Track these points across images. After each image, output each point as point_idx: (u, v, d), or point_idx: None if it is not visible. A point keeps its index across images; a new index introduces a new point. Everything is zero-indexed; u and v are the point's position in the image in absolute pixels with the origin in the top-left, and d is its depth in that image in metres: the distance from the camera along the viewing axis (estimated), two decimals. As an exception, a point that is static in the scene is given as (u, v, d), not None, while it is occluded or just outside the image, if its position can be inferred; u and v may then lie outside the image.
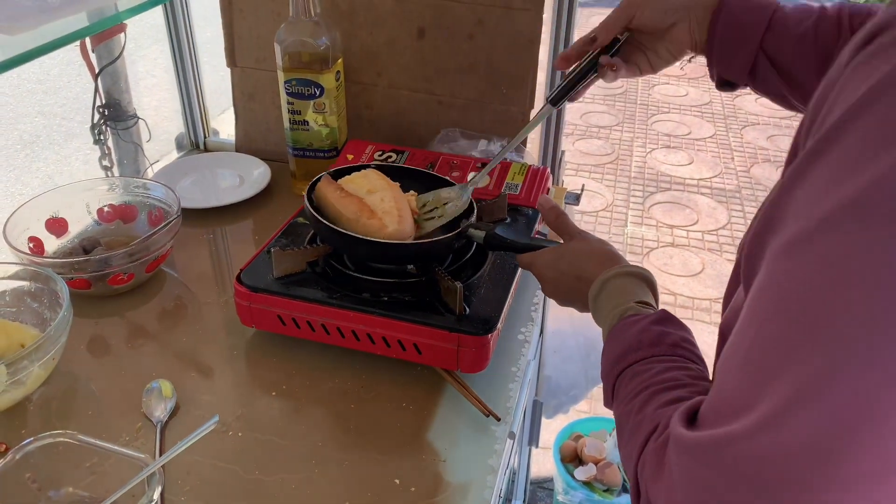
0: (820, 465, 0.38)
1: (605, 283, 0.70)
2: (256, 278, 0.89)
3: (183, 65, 1.37)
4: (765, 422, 0.40)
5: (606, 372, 0.62)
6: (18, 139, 3.90)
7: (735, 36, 0.75)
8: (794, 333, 0.39)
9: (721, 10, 0.76)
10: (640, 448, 0.50)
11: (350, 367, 0.88)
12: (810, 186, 0.41)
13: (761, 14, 0.74)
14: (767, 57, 0.75)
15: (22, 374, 0.77)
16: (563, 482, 1.70)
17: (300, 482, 0.74)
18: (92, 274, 0.94)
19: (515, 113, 1.19)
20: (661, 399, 0.53)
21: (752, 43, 0.75)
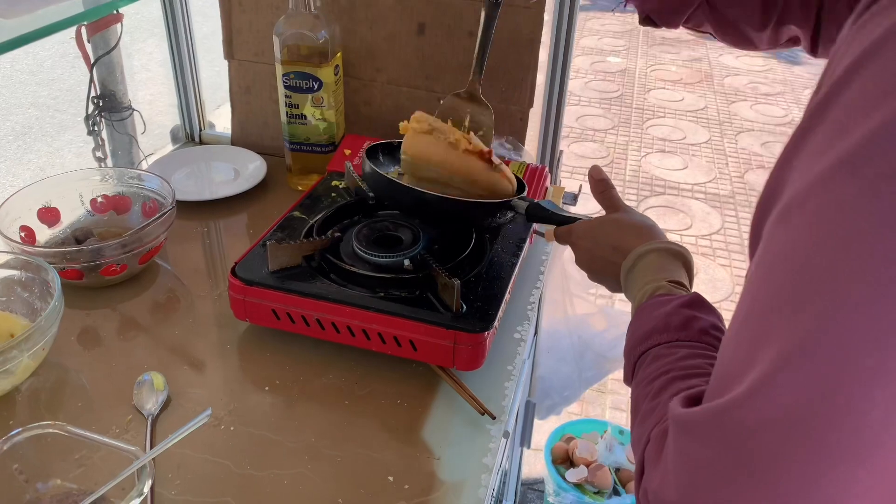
0: (806, 433, 0.37)
1: (641, 256, 0.69)
2: (251, 272, 0.88)
3: (180, 56, 1.35)
4: (752, 388, 0.39)
5: (630, 349, 0.61)
6: (10, 130, 3.87)
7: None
8: (784, 295, 0.39)
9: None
10: (649, 434, 0.50)
11: (344, 362, 0.88)
12: (807, 152, 0.40)
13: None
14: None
15: (11, 364, 0.75)
16: (554, 484, 1.70)
17: (292, 478, 0.73)
18: (84, 264, 0.93)
19: (514, 112, 1.19)
20: (678, 386, 0.52)
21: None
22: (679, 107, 4.34)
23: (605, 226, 0.76)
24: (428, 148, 0.88)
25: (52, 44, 4.64)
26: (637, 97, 4.45)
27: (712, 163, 3.73)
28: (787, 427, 0.37)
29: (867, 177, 0.35)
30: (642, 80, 4.70)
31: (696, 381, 0.52)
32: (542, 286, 1.05)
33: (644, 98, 4.44)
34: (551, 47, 1.14)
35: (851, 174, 0.36)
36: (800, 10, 0.69)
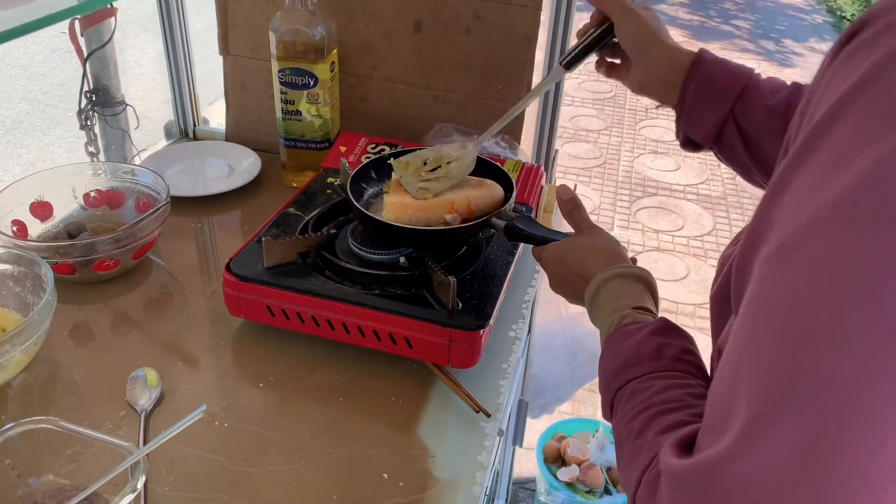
0: (805, 479, 0.36)
1: (602, 284, 0.67)
2: (246, 268, 0.88)
3: (174, 51, 1.35)
4: (746, 435, 0.38)
5: (605, 385, 0.59)
6: (0, 125, 3.84)
7: (708, 98, 0.74)
8: (782, 340, 0.38)
9: (697, 69, 0.74)
10: (639, 478, 0.48)
11: (339, 360, 0.87)
12: (796, 191, 0.40)
13: (737, 80, 0.74)
14: (736, 124, 0.74)
15: (3, 358, 0.75)
16: (546, 483, 1.70)
17: (287, 474, 0.73)
18: (77, 259, 0.92)
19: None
20: (660, 423, 0.51)
21: (724, 107, 0.73)
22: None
23: (569, 251, 0.75)
24: (400, 212, 0.88)
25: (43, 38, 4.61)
26: (630, 98, 4.46)
27: (704, 164, 3.74)
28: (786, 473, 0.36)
29: (861, 221, 0.35)
30: (635, 81, 4.70)
31: (679, 414, 0.51)
32: (536, 285, 1.05)
33: (637, 99, 4.45)
34: (548, 46, 1.14)
35: (846, 219, 0.35)
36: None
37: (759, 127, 0.73)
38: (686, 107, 0.75)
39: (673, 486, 0.43)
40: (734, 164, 0.77)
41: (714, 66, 0.75)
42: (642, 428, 0.52)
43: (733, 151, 0.75)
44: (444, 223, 0.87)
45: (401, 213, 0.87)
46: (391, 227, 0.87)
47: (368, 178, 0.98)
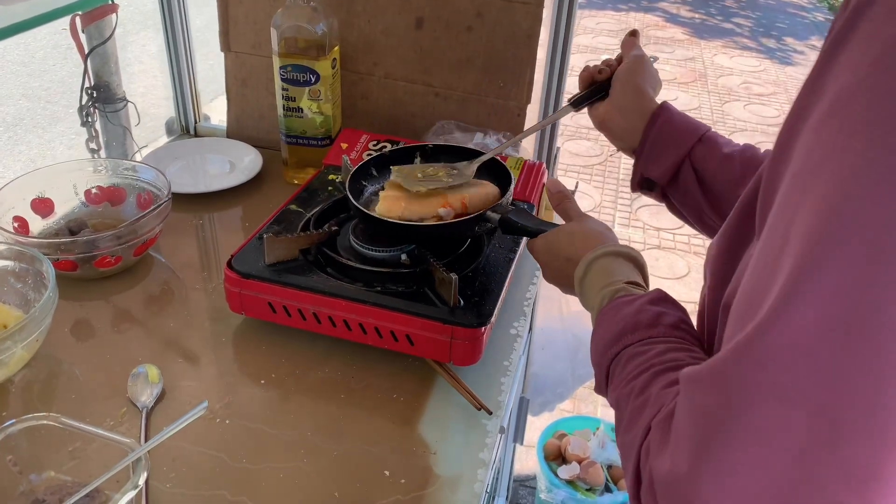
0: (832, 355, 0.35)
1: (592, 263, 0.68)
2: (247, 264, 0.88)
3: (176, 47, 1.34)
4: (788, 291, 0.37)
5: (599, 355, 0.59)
6: (1, 122, 3.84)
7: (668, 138, 0.80)
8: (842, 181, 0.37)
9: (660, 114, 0.80)
10: (644, 432, 0.47)
11: (341, 357, 0.87)
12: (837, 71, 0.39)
13: (696, 128, 0.80)
14: (693, 166, 0.79)
15: (4, 355, 0.75)
16: (547, 480, 1.70)
17: (288, 471, 0.73)
18: (78, 256, 0.92)
19: (512, 107, 1.18)
20: (665, 379, 0.50)
21: (683, 148, 0.79)
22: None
23: (558, 238, 0.76)
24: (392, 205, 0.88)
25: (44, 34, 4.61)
26: (631, 96, 4.45)
27: (705, 162, 3.74)
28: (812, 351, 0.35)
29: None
30: (636, 79, 4.70)
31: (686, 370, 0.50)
32: (537, 283, 1.05)
33: (638, 97, 4.44)
34: (549, 44, 1.14)
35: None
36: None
37: (714, 171, 0.78)
38: (647, 147, 0.80)
39: (693, 391, 0.41)
40: (687, 207, 0.82)
41: (676, 114, 0.81)
42: (645, 385, 0.51)
43: (687, 193, 0.80)
44: (437, 218, 0.86)
45: (393, 205, 0.87)
46: (388, 223, 0.86)
47: (369, 175, 0.98)
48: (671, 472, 0.42)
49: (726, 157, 0.77)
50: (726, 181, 0.77)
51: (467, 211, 0.87)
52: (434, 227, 0.86)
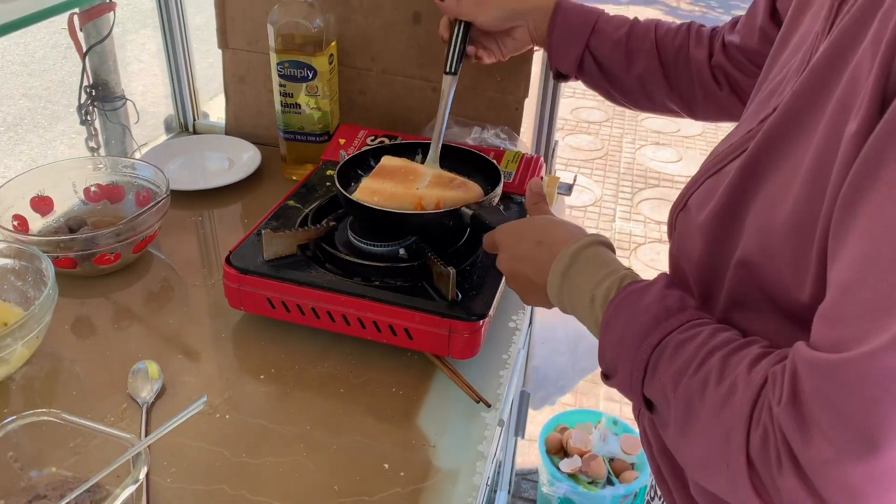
0: None
1: (578, 253, 0.64)
2: (246, 260, 0.88)
3: (174, 45, 1.35)
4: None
5: (633, 348, 0.55)
6: (2, 121, 3.85)
7: (567, 36, 0.92)
8: None
9: (556, 14, 0.92)
10: (746, 419, 0.47)
11: (339, 351, 0.88)
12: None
13: (588, 19, 0.91)
14: (592, 55, 0.92)
15: (5, 352, 0.75)
16: (548, 474, 1.70)
17: (288, 465, 0.73)
18: (78, 253, 0.92)
19: (510, 101, 1.18)
20: (743, 358, 0.49)
21: (580, 43, 0.91)
22: (673, 99, 4.34)
23: (531, 222, 0.73)
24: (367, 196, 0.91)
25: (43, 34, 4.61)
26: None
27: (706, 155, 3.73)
28: None
29: None
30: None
31: (755, 348, 0.50)
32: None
33: (638, 90, 4.44)
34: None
35: None
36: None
37: (608, 58, 0.91)
38: (553, 46, 0.93)
39: (845, 381, 0.42)
40: (597, 88, 0.96)
41: (570, 9, 0.92)
42: (722, 369, 0.49)
43: (593, 77, 0.94)
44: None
45: (367, 197, 0.90)
46: (363, 207, 0.88)
47: (367, 166, 0.98)
48: (836, 460, 0.42)
49: (615, 43, 0.90)
50: (619, 66, 0.91)
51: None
52: (406, 215, 0.88)
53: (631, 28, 0.91)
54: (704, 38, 0.89)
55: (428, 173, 0.94)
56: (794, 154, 0.52)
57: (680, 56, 0.89)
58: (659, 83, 0.91)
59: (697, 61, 0.88)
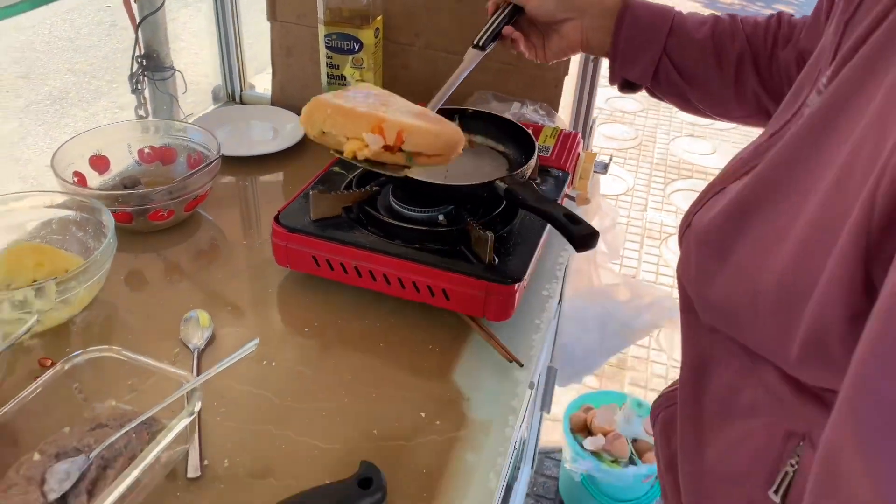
0: None
1: None
2: (294, 220, 0.92)
3: (224, 15, 1.39)
4: None
5: None
6: (48, 95, 3.96)
7: (640, 38, 0.80)
8: None
9: (625, 13, 0.80)
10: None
11: (379, 310, 0.91)
12: None
13: (664, 18, 0.80)
14: (670, 59, 0.80)
15: (69, 294, 0.80)
16: (572, 451, 1.73)
17: (330, 410, 0.77)
18: (134, 208, 0.97)
19: (549, 78, 1.21)
20: None
21: (657, 45, 0.80)
22: (710, 92, 4.30)
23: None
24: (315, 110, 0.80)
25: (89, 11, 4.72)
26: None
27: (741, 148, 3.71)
28: None
29: None
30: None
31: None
32: (569, 251, 1.07)
33: (675, 82, 4.41)
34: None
35: None
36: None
37: (692, 58, 0.80)
38: (620, 49, 0.81)
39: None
40: (671, 97, 0.84)
41: (640, 8, 0.81)
42: None
43: (670, 84, 0.82)
44: (361, 142, 0.76)
45: (316, 111, 0.78)
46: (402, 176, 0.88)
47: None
48: None
49: (699, 43, 0.79)
50: (706, 69, 0.80)
51: (399, 145, 0.76)
52: (443, 186, 0.91)
53: (714, 25, 0.80)
54: (795, 34, 0.78)
55: (409, 106, 0.83)
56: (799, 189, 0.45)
57: (773, 57, 0.79)
58: (753, 86, 0.79)
59: (786, 62, 0.77)
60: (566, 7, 0.83)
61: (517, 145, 1.01)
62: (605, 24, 0.81)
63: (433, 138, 0.77)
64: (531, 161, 0.94)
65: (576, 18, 0.83)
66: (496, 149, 1.03)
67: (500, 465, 0.73)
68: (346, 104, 0.77)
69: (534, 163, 0.95)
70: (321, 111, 0.77)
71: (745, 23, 0.80)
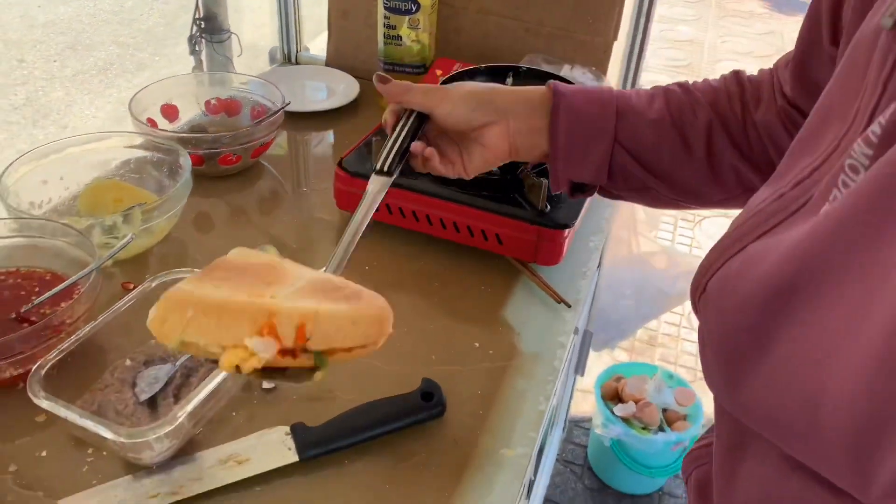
0: None
1: None
2: (356, 166, 0.97)
3: (283, -22, 1.44)
4: None
5: None
6: (93, 65, 4.06)
7: (584, 131, 0.66)
8: None
9: (559, 104, 0.65)
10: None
11: (433, 253, 0.96)
12: None
13: (606, 102, 0.67)
14: (625, 148, 0.66)
15: (152, 222, 0.86)
16: (603, 416, 1.77)
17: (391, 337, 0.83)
18: (206, 151, 1.03)
19: (599, 44, 1.24)
20: None
21: (606, 135, 0.66)
22: (747, 79, 4.28)
23: None
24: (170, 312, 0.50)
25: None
26: (706, 67, 4.40)
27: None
28: None
29: None
30: (712, 51, 4.64)
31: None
32: (615, 204, 1.11)
33: (713, 68, 4.39)
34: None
35: None
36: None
37: (651, 142, 0.66)
38: (562, 149, 0.66)
39: None
40: (632, 192, 0.70)
41: (575, 96, 0.66)
42: None
43: (630, 178, 0.68)
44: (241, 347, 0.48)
45: (171, 313, 0.49)
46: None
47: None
48: None
49: (655, 123, 0.66)
50: (670, 148, 0.66)
51: (304, 343, 0.49)
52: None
53: (667, 99, 0.68)
54: (764, 92, 0.67)
55: (304, 276, 0.54)
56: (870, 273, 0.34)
57: (748, 124, 0.67)
58: (731, 160, 0.67)
59: (766, 125, 0.66)
60: (485, 110, 0.66)
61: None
62: (537, 123, 0.67)
63: (350, 326, 0.51)
64: None
65: (498, 122, 0.67)
66: (548, 106, 1.07)
67: (549, 391, 0.78)
68: (214, 294, 0.49)
69: None
70: (179, 313, 0.48)
71: (701, 89, 0.68)
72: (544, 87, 0.68)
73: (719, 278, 0.44)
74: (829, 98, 0.45)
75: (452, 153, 0.71)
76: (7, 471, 0.66)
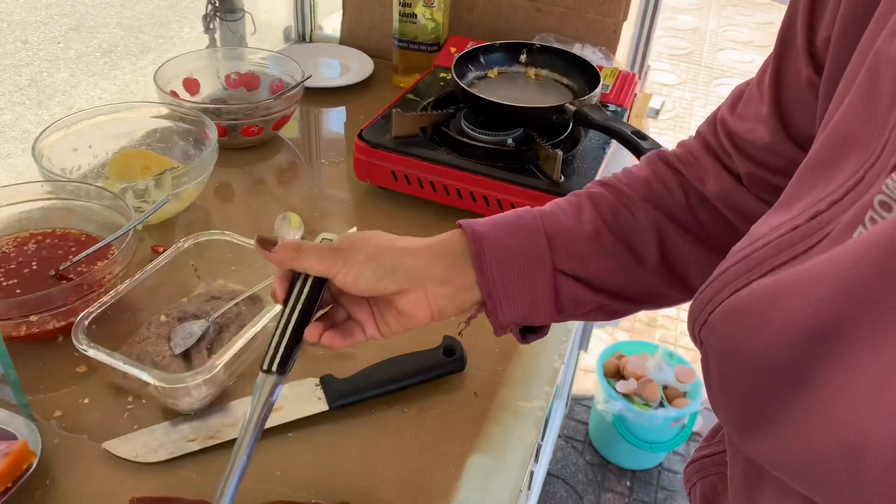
0: None
1: None
2: (376, 137, 1.00)
3: (299, -42, 1.46)
4: None
5: None
6: (97, 47, 4.07)
7: (519, 269, 0.56)
8: None
9: (482, 249, 0.56)
10: None
11: (451, 222, 0.99)
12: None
13: (531, 229, 0.57)
14: (568, 275, 0.57)
15: (181, 188, 0.90)
16: (605, 393, 1.82)
17: (411, 300, 0.86)
18: (229, 122, 1.06)
19: (609, 24, 1.27)
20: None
21: (544, 268, 0.56)
22: (748, 69, 4.31)
23: None
24: None
25: (135, -32, 4.82)
26: (707, 56, 4.43)
27: (778, 124, 3.72)
28: None
29: None
30: (713, 40, 4.66)
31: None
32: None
33: (714, 57, 4.42)
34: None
35: None
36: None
37: (594, 260, 0.57)
38: (499, 297, 0.57)
39: None
40: (589, 315, 0.60)
41: (496, 231, 0.57)
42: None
43: (580, 304, 0.58)
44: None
45: None
46: (476, 98, 0.98)
47: (477, 63, 1.10)
48: None
49: (591, 238, 0.58)
50: (617, 262, 0.58)
51: None
52: (515, 107, 0.98)
53: (595, 206, 0.59)
54: (704, 163, 0.59)
55: None
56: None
57: (697, 206, 0.59)
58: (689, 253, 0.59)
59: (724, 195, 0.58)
60: (394, 279, 0.54)
61: (582, 77, 1.08)
62: (460, 279, 0.56)
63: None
64: (597, 88, 1.01)
65: (414, 290, 0.55)
66: (561, 81, 1.10)
67: (563, 350, 0.82)
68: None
69: (598, 91, 1.02)
70: None
71: (628, 184, 0.61)
72: (456, 233, 0.58)
73: (726, 313, 0.40)
74: (844, 123, 0.40)
75: (362, 314, 0.58)
76: (52, 415, 0.70)
